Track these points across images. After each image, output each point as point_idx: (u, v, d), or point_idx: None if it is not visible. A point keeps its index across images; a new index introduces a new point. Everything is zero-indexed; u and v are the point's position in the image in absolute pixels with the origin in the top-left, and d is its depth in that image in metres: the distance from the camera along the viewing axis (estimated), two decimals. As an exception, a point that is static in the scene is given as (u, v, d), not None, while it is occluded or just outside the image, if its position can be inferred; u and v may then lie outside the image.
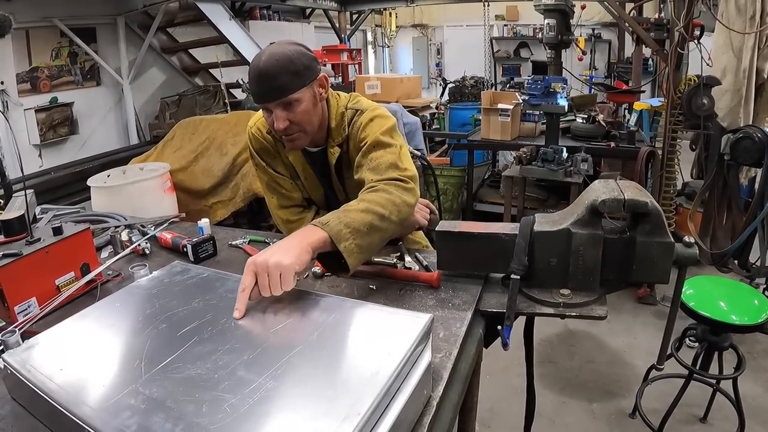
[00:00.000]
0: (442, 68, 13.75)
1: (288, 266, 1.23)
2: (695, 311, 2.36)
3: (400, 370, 0.93)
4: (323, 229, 1.37)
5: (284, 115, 1.64)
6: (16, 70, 5.31)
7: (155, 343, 1.12)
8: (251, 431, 0.83)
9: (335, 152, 1.83)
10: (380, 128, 1.74)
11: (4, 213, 1.76)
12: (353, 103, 1.85)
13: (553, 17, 3.86)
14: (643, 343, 3.44)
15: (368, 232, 1.44)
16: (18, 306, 1.56)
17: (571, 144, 4.33)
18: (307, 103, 1.67)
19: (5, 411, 1.16)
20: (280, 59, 1.60)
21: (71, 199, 4.65)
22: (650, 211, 1.42)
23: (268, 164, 1.94)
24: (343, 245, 1.38)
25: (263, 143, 1.92)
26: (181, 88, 7.11)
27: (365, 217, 1.45)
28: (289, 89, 1.61)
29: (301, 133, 1.72)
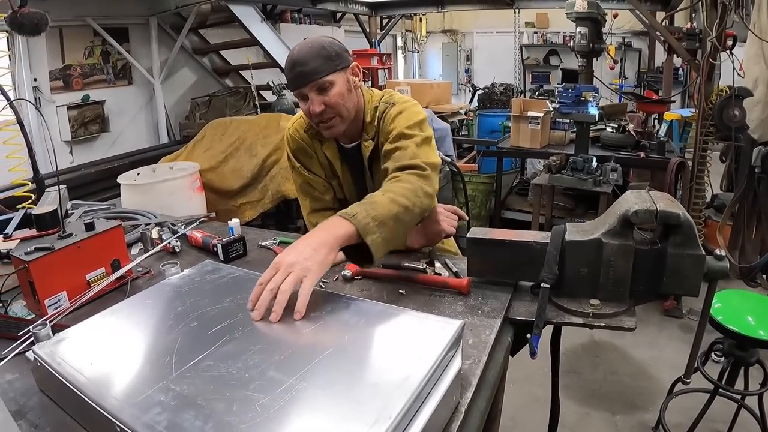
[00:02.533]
0: (472, 74, 13.72)
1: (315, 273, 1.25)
2: (723, 325, 2.33)
3: (430, 375, 0.93)
4: (351, 221, 1.39)
5: (319, 99, 1.68)
6: (49, 67, 5.43)
7: (186, 340, 1.13)
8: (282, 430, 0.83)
9: (369, 145, 1.85)
10: (408, 121, 1.76)
11: (36, 207, 1.79)
12: (386, 98, 1.87)
13: (585, 25, 3.82)
14: (668, 357, 3.39)
15: (394, 225, 1.46)
16: (48, 299, 1.59)
17: (600, 153, 4.29)
18: (340, 87, 1.70)
19: (33, 402, 1.18)
20: (313, 46, 1.67)
21: (101, 195, 4.72)
22: (682, 223, 1.40)
23: (304, 165, 1.96)
24: (370, 239, 1.39)
25: (300, 143, 1.95)
26: (212, 89, 7.20)
27: (391, 208, 1.47)
28: (322, 71, 1.65)
29: (337, 117, 1.74)
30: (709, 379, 2.45)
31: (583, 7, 3.72)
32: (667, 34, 4.12)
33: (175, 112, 6.99)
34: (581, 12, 3.76)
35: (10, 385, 1.25)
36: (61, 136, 5.49)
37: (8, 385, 1.25)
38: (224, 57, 7.53)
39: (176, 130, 6.88)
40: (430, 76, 14.10)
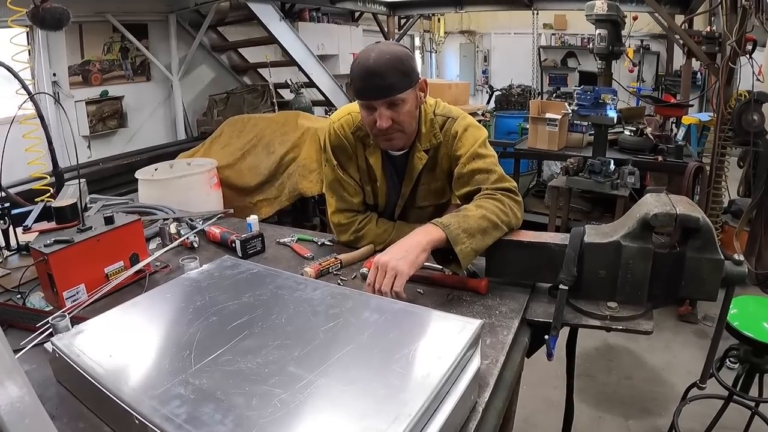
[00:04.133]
0: (489, 75, 13.65)
1: (404, 272, 1.42)
2: (739, 331, 2.30)
3: (450, 373, 0.93)
4: (444, 231, 1.50)
5: (389, 114, 1.65)
6: (68, 62, 5.45)
7: (205, 335, 1.14)
8: (301, 426, 0.83)
9: (422, 158, 1.82)
10: (476, 139, 1.76)
11: (56, 200, 1.81)
12: (441, 110, 1.85)
13: (604, 27, 3.79)
14: (683, 362, 3.36)
15: (482, 238, 1.54)
16: (67, 292, 1.60)
17: (618, 156, 4.25)
18: (410, 105, 1.68)
19: (50, 393, 1.19)
20: (392, 58, 1.60)
21: (118, 190, 4.75)
22: (702, 227, 1.40)
23: (340, 163, 1.94)
24: (459, 248, 1.49)
25: (343, 142, 1.91)
26: (230, 86, 7.19)
27: (481, 223, 1.54)
28: (398, 89, 1.62)
29: (400, 133, 1.73)
30: (723, 385, 2.42)
31: (602, 9, 3.69)
32: (687, 38, 4.08)
33: (192, 108, 7.00)
34: (601, 14, 3.72)
35: (28, 375, 1.23)
36: (79, 131, 5.53)
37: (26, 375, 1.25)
38: (242, 54, 7.52)
39: (194, 127, 6.89)
40: (447, 76, 14.04)
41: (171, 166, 4.64)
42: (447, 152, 1.80)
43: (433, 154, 1.83)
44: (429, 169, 1.86)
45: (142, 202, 3.90)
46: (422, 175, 1.88)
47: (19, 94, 2.33)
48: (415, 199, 1.94)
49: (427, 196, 1.92)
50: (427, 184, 1.89)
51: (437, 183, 1.88)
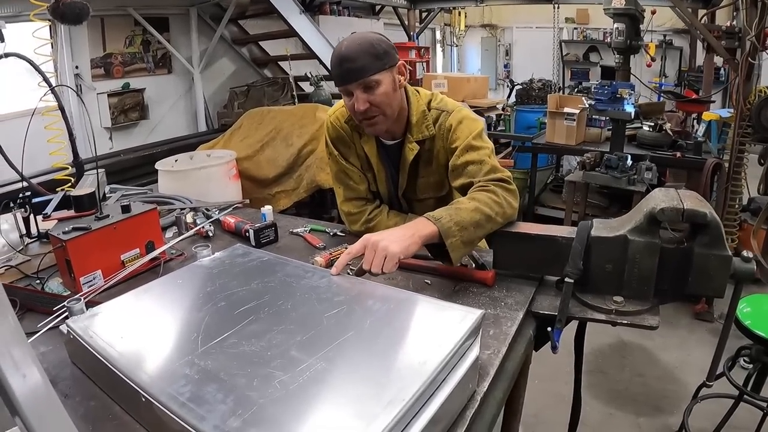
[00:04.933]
0: (510, 69, 13.57)
1: (393, 253, 1.38)
2: (751, 330, 2.28)
3: (447, 361, 0.95)
4: (435, 224, 1.49)
5: (365, 97, 1.67)
6: (90, 55, 5.56)
7: (213, 319, 1.18)
8: (298, 407, 0.86)
9: (414, 148, 1.85)
10: (471, 131, 1.77)
11: (75, 189, 1.85)
12: (437, 103, 1.86)
13: (622, 21, 3.74)
14: (697, 361, 3.33)
15: (474, 231, 1.54)
16: (84, 277, 1.65)
17: (636, 152, 4.22)
18: (386, 87, 1.69)
19: (65, 374, 1.24)
20: (362, 43, 1.65)
21: (139, 181, 4.82)
22: (709, 223, 1.38)
23: (342, 154, 1.98)
24: (450, 241, 1.50)
25: (340, 132, 1.95)
26: (250, 79, 7.26)
27: (473, 216, 1.54)
28: (370, 70, 1.64)
29: (380, 116, 1.74)
30: (734, 384, 2.40)
31: (620, 3, 3.64)
32: (706, 33, 4.02)
33: (213, 101, 7.08)
34: (618, 8, 3.67)
35: (44, 356, 1.31)
36: (101, 123, 5.64)
37: (42, 356, 1.31)
38: (263, 48, 7.59)
39: (214, 119, 6.97)
40: (468, 70, 13.99)
41: (191, 157, 4.71)
42: (443, 145, 1.82)
43: (428, 146, 1.85)
44: (426, 162, 1.88)
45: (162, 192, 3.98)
46: (420, 168, 1.90)
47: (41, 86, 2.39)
48: (416, 192, 1.96)
49: (426, 189, 1.94)
50: (425, 177, 1.91)
51: (435, 176, 1.89)
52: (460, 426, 1.00)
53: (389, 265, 1.38)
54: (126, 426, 1.05)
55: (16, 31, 4.56)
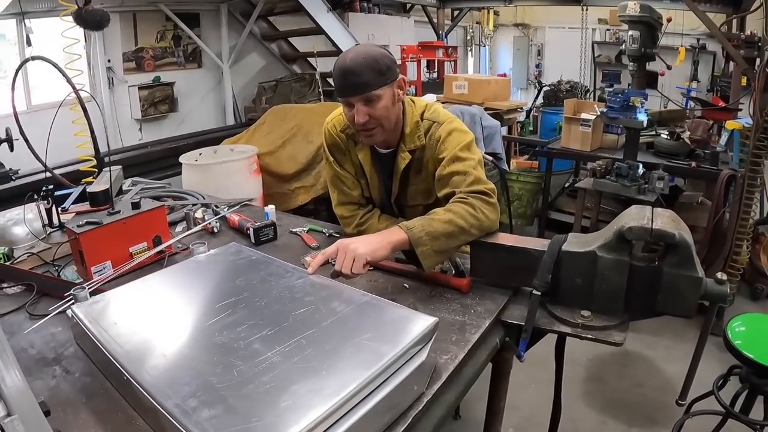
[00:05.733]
0: (542, 69, 13.44)
1: (361, 255, 1.50)
2: (739, 351, 2.24)
3: (391, 363, 1.05)
4: (407, 233, 1.59)
5: (365, 110, 1.75)
6: (122, 49, 5.77)
7: (195, 310, 1.33)
8: (249, 391, 0.98)
9: (406, 157, 1.93)
10: (459, 143, 1.83)
11: (92, 186, 2.00)
12: (430, 113, 1.94)
13: (637, 29, 3.71)
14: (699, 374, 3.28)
15: (446, 241, 1.62)
16: (94, 267, 1.80)
17: (653, 160, 4.20)
18: (386, 101, 1.77)
19: (69, 352, 1.40)
20: (366, 58, 1.71)
21: (165, 172, 5.00)
22: (678, 243, 1.41)
23: (337, 160, 2.08)
24: (420, 249, 1.59)
25: (336, 140, 2.05)
26: (279, 75, 7.38)
27: (446, 227, 1.62)
28: (372, 85, 1.72)
29: (378, 128, 1.82)
30: (721, 403, 2.38)
31: (635, 10, 3.62)
32: (724, 40, 3.97)
33: (242, 95, 7.24)
34: (633, 15, 3.66)
35: (53, 336, 1.49)
36: (132, 114, 5.85)
37: (51, 336, 1.49)
38: (292, 43, 7.70)
39: (242, 113, 7.14)
40: (500, 69, 13.89)
41: (215, 151, 4.87)
42: (432, 155, 1.88)
43: (418, 156, 1.93)
44: (416, 170, 1.96)
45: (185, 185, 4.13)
46: (410, 176, 1.98)
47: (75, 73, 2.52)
48: (407, 199, 2.04)
49: (416, 196, 2.01)
50: (415, 185, 1.99)
51: (424, 184, 1.97)
52: (401, 424, 1.09)
53: (357, 266, 1.48)
54: (114, 400, 1.19)
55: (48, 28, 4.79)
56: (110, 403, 1.19)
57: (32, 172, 3.77)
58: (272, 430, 0.87)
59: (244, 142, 5.12)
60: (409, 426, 1.11)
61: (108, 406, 1.18)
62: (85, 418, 1.15)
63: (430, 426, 1.18)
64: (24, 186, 3.72)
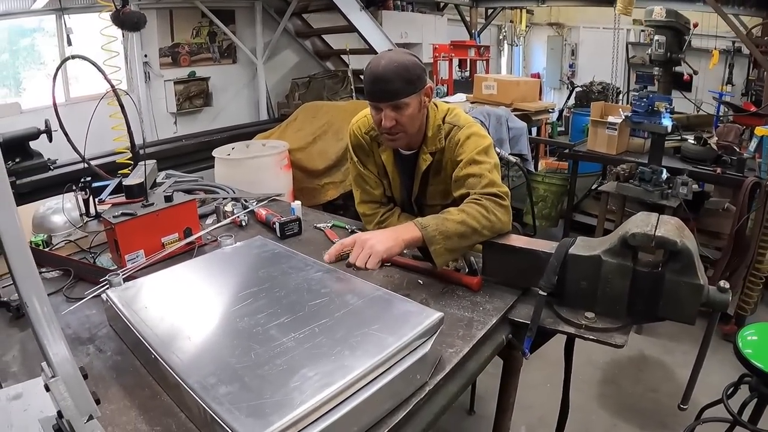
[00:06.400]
0: (576, 70, 13.31)
1: (377, 252, 1.57)
2: (748, 360, 2.24)
3: (395, 353, 1.14)
4: (421, 231, 1.67)
5: (393, 115, 1.84)
6: (159, 45, 5.94)
7: (219, 298, 1.45)
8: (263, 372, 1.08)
9: (427, 159, 2.01)
10: (476, 147, 1.91)
11: (128, 179, 2.13)
12: (451, 117, 2.02)
13: (663, 34, 3.70)
14: (715, 381, 3.31)
15: (458, 240, 1.70)
16: (128, 255, 1.93)
17: (678, 165, 4.17)
18: (413, 109, 1.86)
19: (102, 333, 1.53)
20: (399, 67, 1.79)
21: (198, 165, 5.14)
22: (680, 251, 1.46)
23: (360, 160, 2.17)
24: (434, 248, 1.68)
25: (360, 141, 2.15)
26: (313, 71, 7.50)
27: (459, 227, 1.70)
28: (402, 94, 1.81)
29: (403, 133, 1.91)
30: (729, 411, 2.40)
31: (661, 16, 3.61)
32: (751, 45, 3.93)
33: (276, 91, 7.36)
34: (659, 20, 3.64)
35: (88, 318, 1.62)
36: (167, 108, 6.04)
37: (86, 318, 1.62)
38: (325, 40, 7.79)
39: (275, 109, 7.27)
40: (534, 69, 13.82)
41: (247, 146, 4.98)
42: (451, 157, 1.96)
43: (438, 157, 2.01)
44: (435, 171, 2.04)
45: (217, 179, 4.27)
46: (429, 177, 2.06)
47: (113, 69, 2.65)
48: (426, 198, 2.13)
49: (434, 196, 2.10)
50: (434, 185, 2.07)
51: (443, 185, 2.05)
52: (403, 410, 1.18)
53: (372, 262, 1.56)
54: (141, 377, 1.32)
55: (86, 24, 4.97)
56: (138, 379, 1.31)
57: (70, 162, 3.94)
58: (281, 406, 0.97)
59: (276, 137, 5.24)
60: (411, 413, 1.19)
61: (136, 382, 1.30)
62: (114, 392, 1.27)
63: (431, 414, 1.27)
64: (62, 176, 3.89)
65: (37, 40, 5.40)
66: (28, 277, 0.84)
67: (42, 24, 5.31)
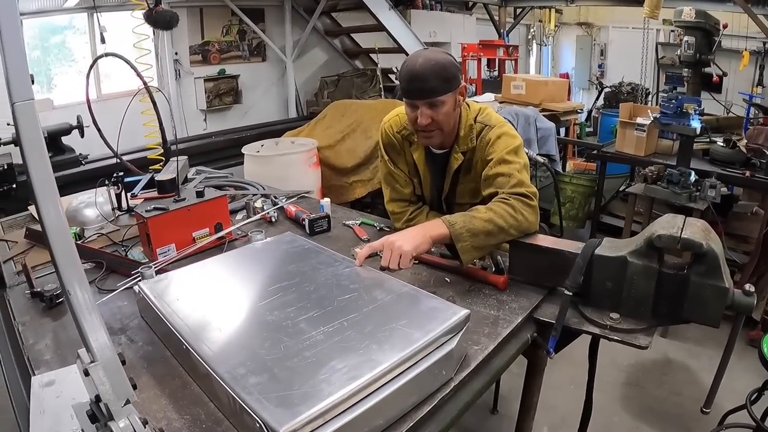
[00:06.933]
0: (605, 70, 13.15)
1: (406, 252, 1.60)
2: None
3: (421, 348, 1.17)
4: (449, 228, 1.69)
5: (429, 113, 1.86)
6: (189, 43, 6.08)
7: (250, 291, 1.49)
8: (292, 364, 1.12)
9: (459, 158, 2.03)
10: (507, 146, 1.92)
11: (160, 174, 2.18)
12: (482, 117, 2.03)
13: (692, 35, 3.64)
14: (739, 387, 3.27)
15: (485, 238, 1.72)
16: (160, 249, 1.98)
17: (707, 168, 4.11)
18: (449, 107, 1.88)
19: (134, 324, 1.58)
20: (436, 65, 1.81)
21: (228, 162, 5.24)
22: (706, 253, 1.45)
23: (391, 159, 2.19)
24: (460, 245, 1.69)
25: (392, 140, 2.17)
26: (341, 69, 7.57)
27: (486, 226, 1.71)
28: (438, 92, 1.83)
29: (438, 131, 1.94)
30: (752, 416, 2.39)
31: (690, 16, 3.55)
32: None
33: (304, 89, 7.45)
34: (689, 21, 3.58)
35: (120, 309, 1.68)
36: (197, 105, 6.15)
37: (118, 309, 1.68)
38: (354, 39, 7.86)
39: (304, 107, 7.35)
40: (563, 69, 13.69)
41: (276, 143, 5.05)
42: (481, 156, 1.98)
43: (469, 156, 2.02)
44: (466, 170, 2.05)
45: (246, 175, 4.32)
46: (460, 175, 2.07)
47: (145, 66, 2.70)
48: (455, 196, 2.14)
49: (464, 195, 2.11)
50: (464, 184, 2.08)
51: (473, 184, 2.06)
52: (428, 404, 1.20)
53: (404, 261, 1.59)
54: (172, 367, 1.36)
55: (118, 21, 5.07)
56: (168, 369, 1.35)
57: (101, 157, 4.04)
58: (309, 397, 1.00)
59: (305, 135, 5.28)
60: (436, 407, 1.21)
61: (166, 372, 1.34)
62: (145, 381, 1.31)
63: (455, 409, 1.28)
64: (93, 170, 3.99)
65: (68, 37, 5.54)
66: (70, 266, 0.88)
67: (73, 21, 5.44)
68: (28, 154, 0.84)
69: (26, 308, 1.74)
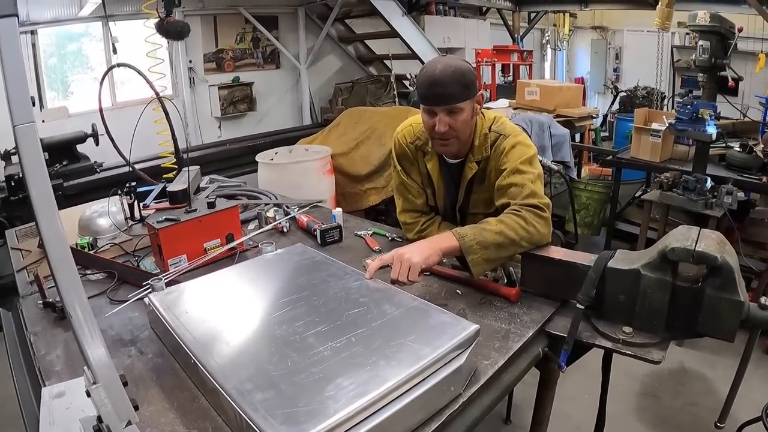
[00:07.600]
0: (620, 74, 13.05)
1: (415, 264, 1.59)
2: None
3: (429, 364, 1.16)
4: (459, 241, 1.68)
5: (447, 120, 1.85)
6: (203, 50, 6.12)
7: (258, 304, 1.49)
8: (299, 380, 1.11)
9: (473, 167, 2.02)
10: (521, 156, 1.91)
11: (171, 185, 2.19)
12: (497, 126, 2.02)
13: (707, 39, 3.57)
14: (756, 398, 3.22)
15: (496, 251, 1.71)
16: (171, 259, 1.99)
17: (723, 173, 4.05)
18: (467, 114, 1.87)
19: (144, 335, 1.59)
20: (455, 72, 1.80)
21: (242, 169, 5.25)
22: (720, 266, 1.42)
23: (404, 169, 2.18)
24: (471, 257, 1.68)
25: (405, 150, 2.16)
26: (355, 76, 7.57)
27: (497, 238, 1.70)
28: (458, 98, 1.82)
29: (455, 139, 1.92)
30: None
31: (705, 20, 3.48)
32: None
33: (319, 95, 7.46)
34: (703, 25, 3.52)
35: (131, 320, 1.68)
36: (211, 112, 6.19)
37: (129, 320, 1.69)
38: (368, 46, 7.86)
39: (319, 114, 7.36)
40: (577, 73, 13.61)
41: (290, 150, 5.05)
42: (495, 166, 1.96)
43: (483, 166, 2.01)
44: (480, 180, 2.04)
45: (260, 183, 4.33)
46: (474, 185, 2.06)
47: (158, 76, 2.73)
48: (469, 206, 2.12)
49: (478, 205, 2.09)
50: (478, 193, 2.07)
51: (486, 193, 2.04)
52: (436, 421, 1.19)
53: (413, 275, 1.58)
54: (181, 380, 1.36)
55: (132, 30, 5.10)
56: (177, 381, 1.36)
57: (115, 165, 4.08)
58: (315, 414, 1.00)
59: (319, 142, 5.28)
60: (444, 423, 1.20)
61: (175, 384, 1.35)
62: (154, 393, 1.32)
63: (464, 426, 1.27)
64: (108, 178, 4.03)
65: (84, 44, 5.61)
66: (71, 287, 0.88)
67: (89, 29, 5.50)
68: (29, 176, 0.84)
69: (38, 318, 1.75)
